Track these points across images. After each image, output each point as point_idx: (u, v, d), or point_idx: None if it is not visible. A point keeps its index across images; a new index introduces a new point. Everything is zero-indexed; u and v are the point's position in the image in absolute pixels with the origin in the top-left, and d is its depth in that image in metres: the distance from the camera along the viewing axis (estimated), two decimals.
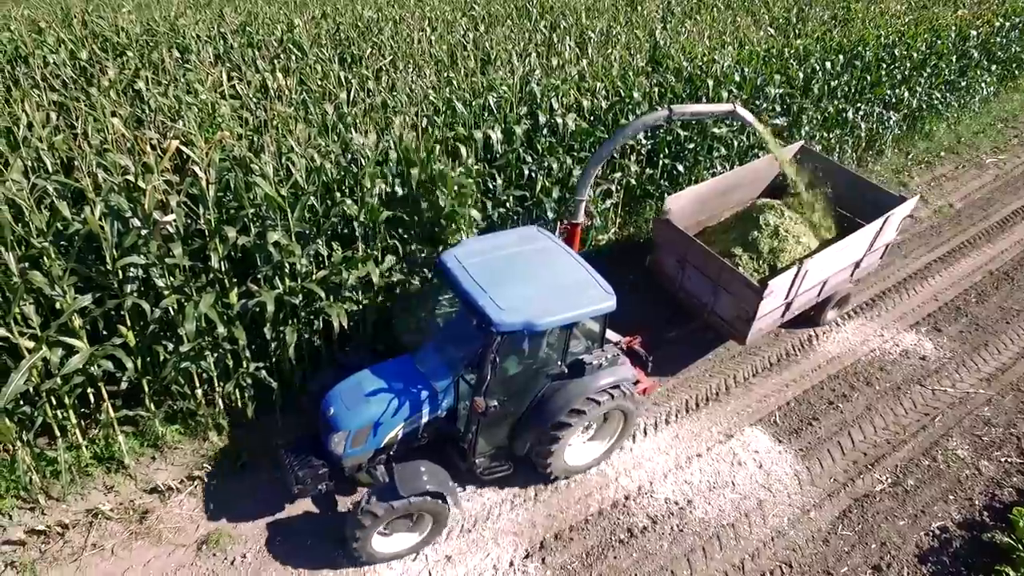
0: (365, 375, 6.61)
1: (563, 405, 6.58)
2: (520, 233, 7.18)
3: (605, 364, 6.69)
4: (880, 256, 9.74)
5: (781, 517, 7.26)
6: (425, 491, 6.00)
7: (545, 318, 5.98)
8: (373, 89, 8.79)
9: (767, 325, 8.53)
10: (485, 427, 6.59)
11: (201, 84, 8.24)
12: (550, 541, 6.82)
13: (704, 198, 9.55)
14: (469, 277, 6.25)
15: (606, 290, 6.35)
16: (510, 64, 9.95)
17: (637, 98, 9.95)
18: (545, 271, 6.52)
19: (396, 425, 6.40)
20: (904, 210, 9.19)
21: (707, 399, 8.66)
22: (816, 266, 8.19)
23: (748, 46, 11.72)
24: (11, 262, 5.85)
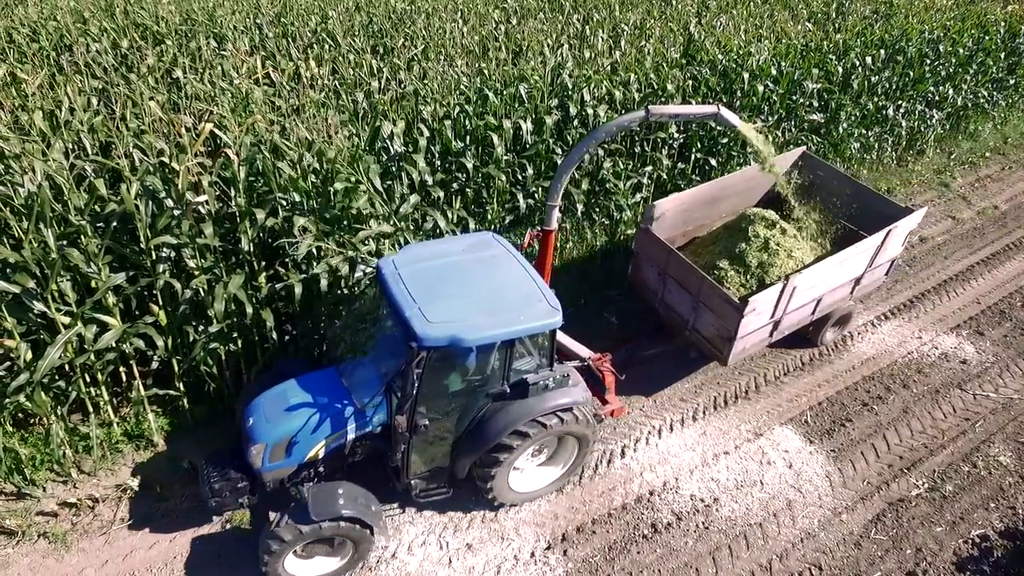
0: (290, 386, 6.19)
1: (503, 427, 6.08)
2: (471, 240, 6.65)
3: (552, 384, 6.16)
4: (885, 272, 8.88)
5: (811, 518, 7.05)
6: (339, 516, 5.59)
7: (475, 334, 5.46)
8: (404, 79, 8.81)
9: (752, 345, 7.82)
10: (420, 447, 6.16)
11: (236, 71, 8.37)
12: (572, 534, 6.73)
13: (690, 206, 8.80)
14: (401, 286, 5.80)
15: (552, 305, 5.80)
16: (542, 56, 9.90)
17: (671, 90, 9.79)
18: (488, 282, 5.99)
19: (318, 441, 5.96)
20: (909, 223, 8.33)
21: (736, 397, 8.46)
22: (806, 282, 7.51)
23: (785, 40, 11.46)
24: (50, 239, 5.98)
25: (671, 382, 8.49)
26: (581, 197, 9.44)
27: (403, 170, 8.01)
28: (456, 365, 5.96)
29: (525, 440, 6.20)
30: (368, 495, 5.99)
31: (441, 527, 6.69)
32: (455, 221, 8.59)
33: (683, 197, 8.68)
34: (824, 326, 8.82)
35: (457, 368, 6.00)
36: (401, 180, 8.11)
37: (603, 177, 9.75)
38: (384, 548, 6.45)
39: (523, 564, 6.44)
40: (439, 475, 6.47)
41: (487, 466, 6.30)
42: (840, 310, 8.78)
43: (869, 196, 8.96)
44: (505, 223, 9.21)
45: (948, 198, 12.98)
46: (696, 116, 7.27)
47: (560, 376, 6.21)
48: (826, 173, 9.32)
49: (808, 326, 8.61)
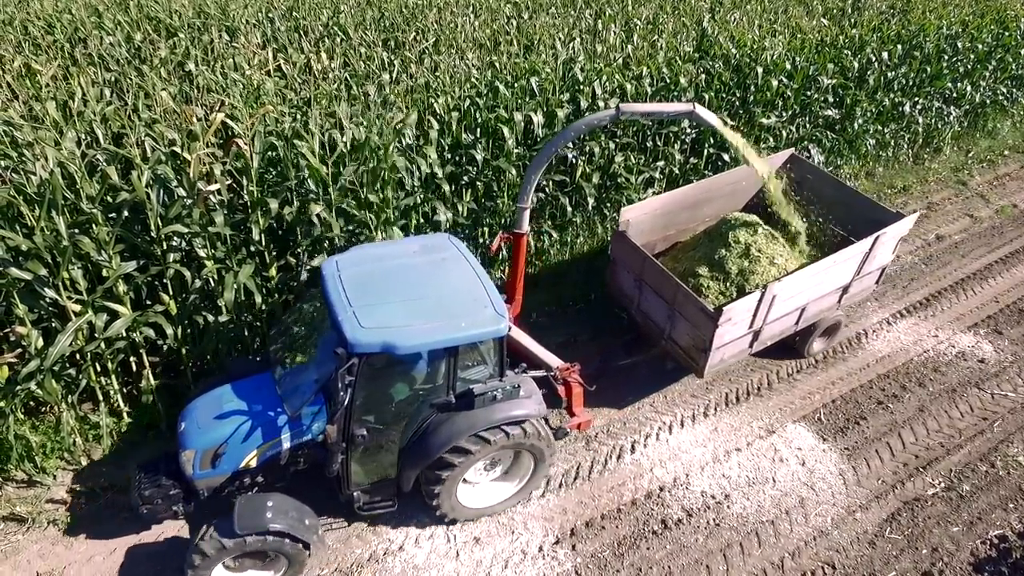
0: (225, 391, 5.94)
1: (445, 441, 5.80)
2: (424, 241, 6.39)
3: (501, 396, 5.83)
4: (876, 281, 8.55)
5: (824, 517, 6.93)
6: (266, 530, 5.36)
7: (410, 340, 5.20)
8: (415, 71, 8.79)
9: (731, 356, 7.48)
10: (360, 458, 5.87)
11: (248, 64, 8.38)
12: (581, 529, 6.66)
13: (670, 209, 8.47)
14: (339, 288, 5.54)
15: (498, 312, 5.50)
16: (553, 50, 9.84)
17: (683, 84, 9.70)
18: (433, 286, 5.71)
19: (249, 450, 5.69)
20: (900, 229, 7.97)
21: (748, 394, 8.36)
22: (787, 291, 7.17)
23: (800, 35, 11.33)
24: (61, 226, 6.00)
25: (647, 394, 8.11)
26: (592, 191, 9.37)
27: (414, 162, 7.98)
28: (395, 373, 5.72)
29: (467, 456, 5.89)
30: (302, 508, 5.71)
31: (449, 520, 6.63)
32: (465, 214, 8.56)
33: (662, 200, 8.34)
34: (810, 336, 8.44)
35: (397, 376, 5.76)
36: (411, 172, 8.09)
37: (615, 171, 9.67)
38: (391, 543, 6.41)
39: (531, 558, 6.38)
40: (385, 487, 6.13)
41: (431, 482, 6.01)
42: (827, 320, 8.37)
43: (859, 201, 8.58)
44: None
45: (966, 196, 12.78)
46: (670, 115, 6.92)
47: (510, 387, 5.85)
48: (815, 177, 8.97)
49: (794, 336, 8.26)
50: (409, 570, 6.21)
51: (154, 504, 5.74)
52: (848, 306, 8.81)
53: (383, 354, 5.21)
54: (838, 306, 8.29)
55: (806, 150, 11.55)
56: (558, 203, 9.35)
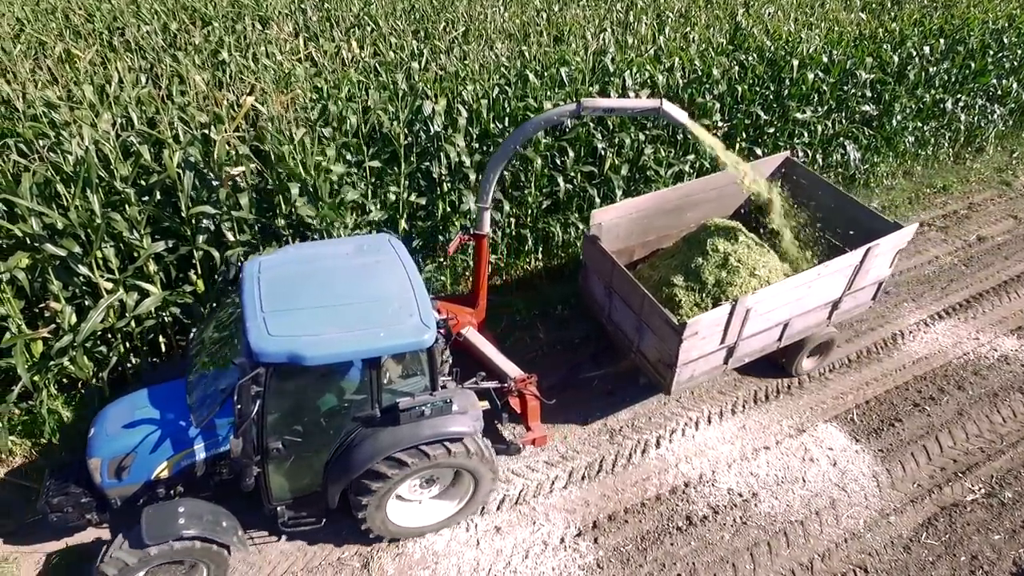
0: (138, 397, 5.72)
1: (368, 457, 5.41)
2: (362, 242, 6.00)
3: (430, 412, 5.42)
4: (872, 296, 7.91)
5: (857, 519, 6.70)
6: (179, 536, 5.11)
7: (318, 350, 4.82)
8: (444, 61, 8.77)
9: (702, 372, 6.98)
10: (281, 471, 5.51)
11: (279, 51, 8.45)
12: (603, 522, 6.54)
13: (649, 214, 8.00)
14: (256, 291, 5.20)
15: (424, 323, 5.11)
16: (584, 41, 9.74)
17: (716, 76, 9.52)
18: (359, 292, 5.33)
19: (160, 460, 5.43)
20: (896, 241, 7.36)
21: (777, 392, 8.14)
22: (764, 305, 6.66)
23: (837, 28, 11.05)
24: (95, 205, 6.11)
25: (615, 410, 7.66)
26: (620, 183, 9.24)
27: (441, 150, 7.96)
28: (313, 384, 5.38)
29: (392, 475, 5.49)
30: (218, 511, 5.44)
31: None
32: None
33: (640, 203, 7.91)
34: (799, 354, 7.86)
35: (315, 387, 5.45)
36: (439, 160, 8.08)
37: (644, 163, 9.52)
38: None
39: (552, 549, 6.28)
40: (311, 503, 5.76)
41: (357, 499, 5.63)
42: (817, 337, 7.78)
43: (856, 209, 8.01)
44: (542, 208, 9.08)
45: (1009, 197, 12.32)
46: (636, 111, 6.55)
47: (441, 402, 5.43)
48: (810, 182, 8.51)
49: (780, 354, 7.78)
50: (429, 556, 6.16)
51: (63, 512, 5.48)
52: (841, 323, 8.11)
53: (288, 364, 4.81)
54: (828, 322, 7.67)
55: (842, 146, 11.27)
56: (586, 195, 9.24)
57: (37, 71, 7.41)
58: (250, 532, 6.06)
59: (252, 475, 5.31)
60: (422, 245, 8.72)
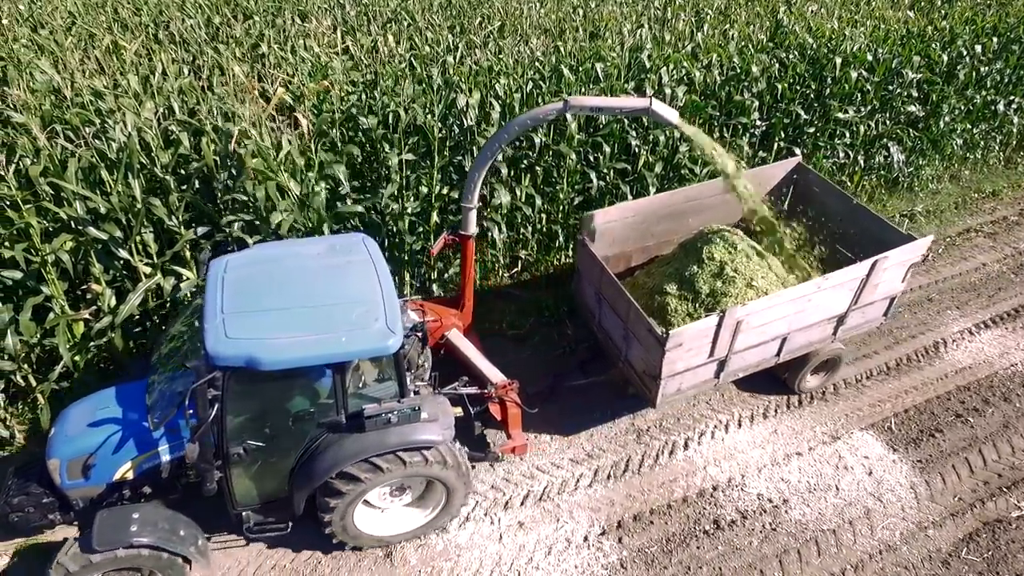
0: (103, 396, 5.56)
1: (332, 465, 5.22)
2: (335, 242, 5.81)
3: (397, 419, 5.18)
4: (884, 312, 7.44)
5: (892, 530, 6.47)
6: (130, 544, 4.94)
7: (276, 355, 4.64)
8: (479, 55, 8.78)
9: (690, 386, 6.67)
10: (244, 477, 5.34)
11: (317, 44, 8.57)
12: (628, 522, 6.44)
13: (647, 218, 7.69)
14: (219, 292, 5.04)
15: (389, 328, 4.88)
16: (620, 36, 9.65)
17: (755, 73, 9.33)
18: (325, 294, 5.13)
19: (122, 462, 5.27)
20: (906, 254, 6.90)
21: (811, 398, 7.92)
22: (757, 317, 6.30)
23: (884, 26, 10.73)
24: (136, 190, 6.26)
25: (601, 421, 7.35)
26: (654, 181, 9.11)
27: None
28: (275, 388, 5.17)
29: (358, 483, 5.30)
30: (177, 519, 5.27)
31: (491, 502, 6.55)
32: (523, 199, 8.48)
33: (637, 206, 7.65)
34: (801, 370, 7.44)
35: (277, 391, 5.23)
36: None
37: (678, 161, 9.38)
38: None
39: (575, 547, 6.21)
40: (277, 509, 5.57)
41: (323, 507, 5.46)
42: (821, 353, 7.34)
43: (868, 219, 7.56)
44: (574, 204, 9.01)
45: None
46: (624, 110, 6.29)
47: (409, 409, 5.18)
48: (822, 189, 8.10)
49: (782, 370, 7.47)
50: (452, 549, 6.15)
51: (24, 512, 5.35)
52: (847, 339, 7.66)
53: (246, 369, 4.63)
54: (834, 338, 7.25)
55: (885, 148, 10.93)
56: (619, 192, 9.14)
57: (86, 61, 7.65)
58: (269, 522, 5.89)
59: (214, 480, 5.17)
60: None
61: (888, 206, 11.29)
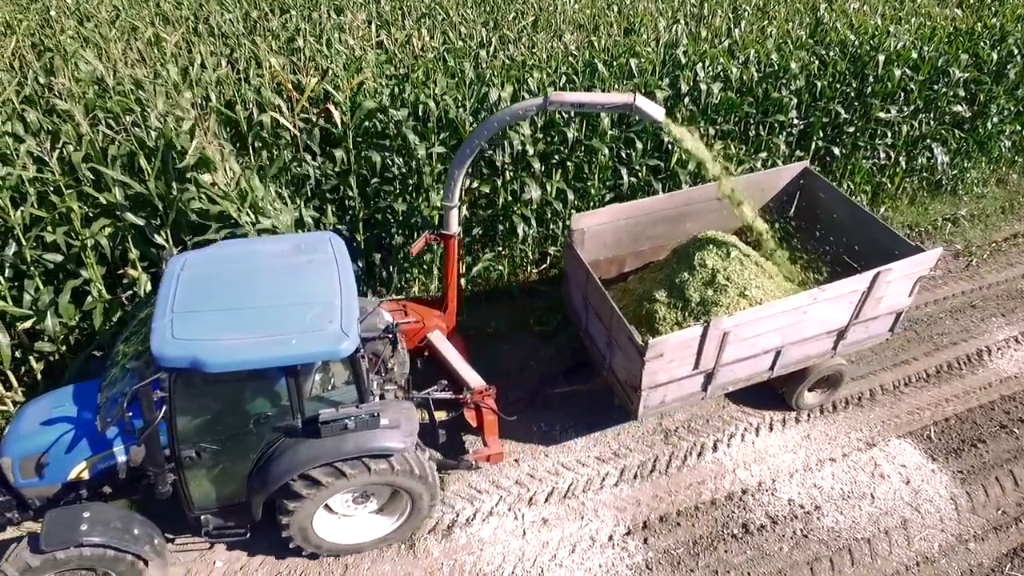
0: (61, 395, 5.46)
1: (286, 470, 5.06)
2: (300, 240, 5.62)
3: (354, 426, 5.01)
4: (890, 328, 7.05)
5: (931, 542, 6.24)
6: (79, 543, 4.80)
7: (222, 357, 4.49)
8: (512, 50, 8.75)
9: (674, 399, 6.38)
10: (199, 480, 5.19)
11: (352, 37, 8.63)
12: (654, 522, 6.33)
13: (641, 221, 7.37)
14: (172, 290, 4.91)
15: (343, 331, 4.71)
16: (655, 32, 9.52)
17: (794, 70, 9.11)
18: (280, 295, 4.96)
19: (76, 461, 5.13)
20: (913, 266, 6.50)
21: (846, 403, 7.69)
22: (745, 329, 5.98)
23: (929, 23, 10.40)
24: (172, 177, 6.36)
25: (582, 432, 7.09)
26: (687, 179, 8.96)
27: (505, 137, 7.92)
28: (227, 390, 4.98)
29: (315, 489, 5.13)
30: (131, 517, 5.15)
31: (515, 497, 6.50)
32: (553, 194, 8.42)
33: (630, 208, 7.34)
34: (799, 386, 7.09)
35: (229, 394, 5.03)
36: (503, 148, 8.05)
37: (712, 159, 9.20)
38: (458, 513, 6.34)
39: (600, 546, 6.12)
40: (236, 512, 5.41)
41: (280, 512, 5.29)
42: (820, 369, 6.99)
43: (876, 229, 7.16)
44: (605, 200, 8.91)
45: None
46: (607, 106, 6.01)
47: (367, 415, 5.00)
48: (828, 196, 7.75)
49: (778, 385, 7.18)
50: (474, 543, 6.11)
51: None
52: (850, 355, 7.38)
53: (191, 370, 4.50)
54: (834, 353, 6.91)
55: (928, 149, 10.59)
56: (651, 189, 9.02)
57: (128, 53, 7.82)
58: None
59: (167, 483, 5.06)
60: (482, 233, 8.72)
61: (930, 209, 10.94)
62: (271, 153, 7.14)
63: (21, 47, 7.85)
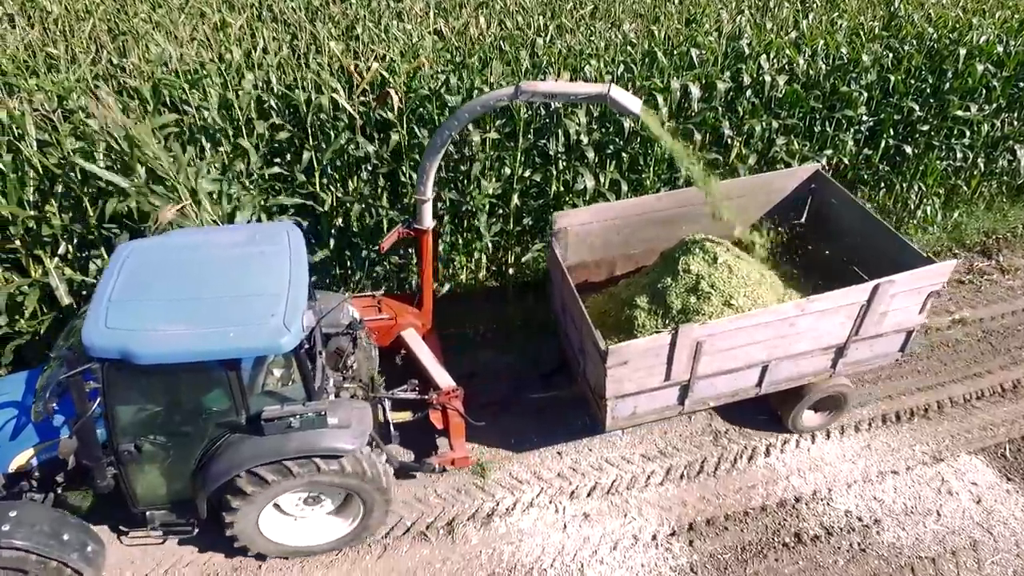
0: (7, 381, 5.33)
1: (227, 469, 4.87)
2: (254, 230, 5.46)
3: (298, 424, 4.80)
4: (900, 348, 6.45)
5: (1004, 567, 5.81)
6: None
7: (156, 348, 4.31)
8: (570, 39, 8.61)
9: (647, 411, 5.99)
10: (142, 475, 5.00)
11: (410, 24, 8.66)
12: (701, 525, 6.10)
13: (631, 222, 6.98)
14: (113, 278, 4.74)
15: (285, 325, 4.47)
16: (718, 23, 9.23)
17: (866, 63, 8.67)
18: (226, 286, 4.74)
19: (18, 450, 4.98)
20: (920, 279, 5.91)
21: (911, 414, 7.27)
22: (723, 339, 5.56)
23: (1017, 16, 9.76)
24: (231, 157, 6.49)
25: (552, 442, 6.77)
26: (747, 174, 8.64)
27: (560, 126, 7.80)
28: (167, 383, 4.77)
29: (258, 488, 4.96)
30: (64, 521, 4.91)
31: (556, 490, 6.37)
32: (607, 185, 8.25)
33: (617, 209, 6.97)
34: (795, 406, 6.58)
35: (171, 387, 4.83)
36: (557, 138, 7.92)
37: (774, 155, 8.86)
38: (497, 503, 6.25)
39: (643, 545, 5.93)
40: (185, 509, 5.22)
41: (224, 510, 5.10)
42: (819, 389, 6.46)
43: (886, 238, 6.62)
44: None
45: None
46: (580, 96, 5.64)
47: (313, 414, 4.81)
48: (840, 201, 7.22)
49: (775, 404, 6.76)
50: (514, 533, 6.01)
51: None
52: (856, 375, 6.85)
53: (122, 361, 4.32)
54: (833, 372, 6.37)
55: (1010, 151, 9.94)
56: None
57: (195, 36, 8.04)
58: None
59: (106, 476, 4.91)
60: (532, 224, 8.61)
61: (1009, 215, 10.29)
62: (327, 135, 7.22)
63: (97, 31, 8.17)
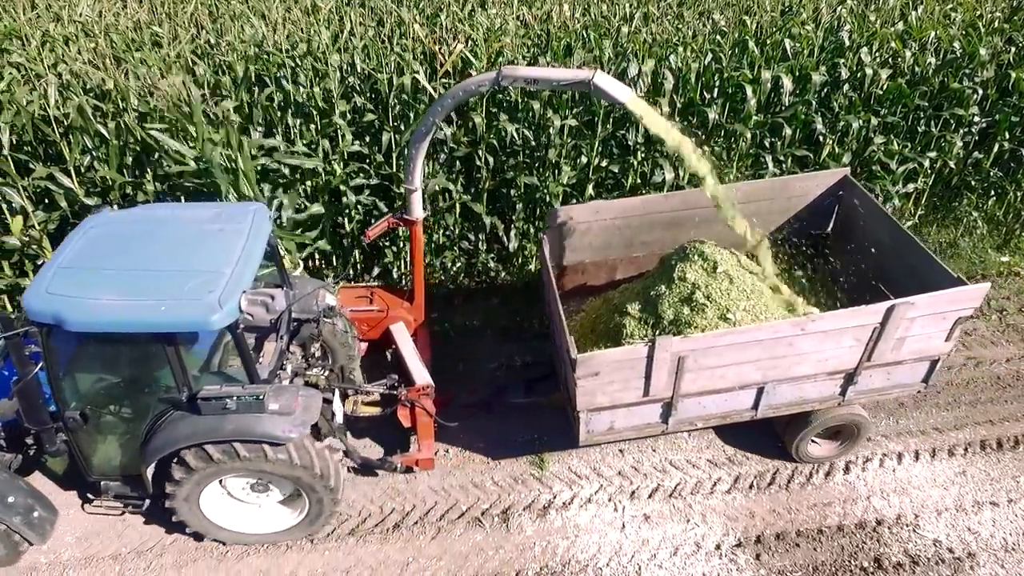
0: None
1: (162, 445, 4.79)
2: (221, 209, 5.33)
3: (234, 406, 4.68)
4: (923, 379, 5.77)
5: None
6: None
7: (87, 316, 4.30)
8: (655, 27, 8.34)
9: (626, 427, 5.55)
10: (91, 445, 4.99)
11: (495, 9, 8.64)
12: (769, 538, 5.74)
13: (634, 223, 6.57)
14: (72, 246, 4.78)
15: (219, 302, 4.33)
16: (816, 13, 8.71)
17: (983, 57, 7.96)
18: (174, 261, 4.70)
19: None
20: (946, 303, 5.23)
21: (1015, 442, 6.61)
22: (708, 356, 5.09)
23: None
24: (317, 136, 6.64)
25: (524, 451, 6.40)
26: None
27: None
28: (111, 353, 4.83)
29: (190, 470, 4.85)
30: (12, 485, 4.97)
31: (616, 488, 6.16)
32: (686, 179, 7.93)
33: (617, 207, 6.53)
34: (800, 433, 6.01)
35: (115, 357, 4.87)
36: (638, 128, 7.69)
37: (871, 155, 8.28)
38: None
39: (705, 554, 5.64)
40: (137, 481, 5.14)
41: (165, 488, 5.01)
42: (827, 417, 5.88)
43: (915, 254, 5.90)
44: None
45: None
46: (563, 82, 5.28)
47: (250, 397, 4.68)
48: (868, 211, 6.54)
49: (780, 429, 6.20)
50: (570, 527, 5.85)
51: None
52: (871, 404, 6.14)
53: (56, 327, 4.34)
54: (842, 400, 5.75)
55: None
56: None
57: (287, 18, 8.31)
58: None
59: (55, 443, 4.93)
60: None
61: None
62: (407, 117, 7.28)
63: (198, 13, 8.59)
